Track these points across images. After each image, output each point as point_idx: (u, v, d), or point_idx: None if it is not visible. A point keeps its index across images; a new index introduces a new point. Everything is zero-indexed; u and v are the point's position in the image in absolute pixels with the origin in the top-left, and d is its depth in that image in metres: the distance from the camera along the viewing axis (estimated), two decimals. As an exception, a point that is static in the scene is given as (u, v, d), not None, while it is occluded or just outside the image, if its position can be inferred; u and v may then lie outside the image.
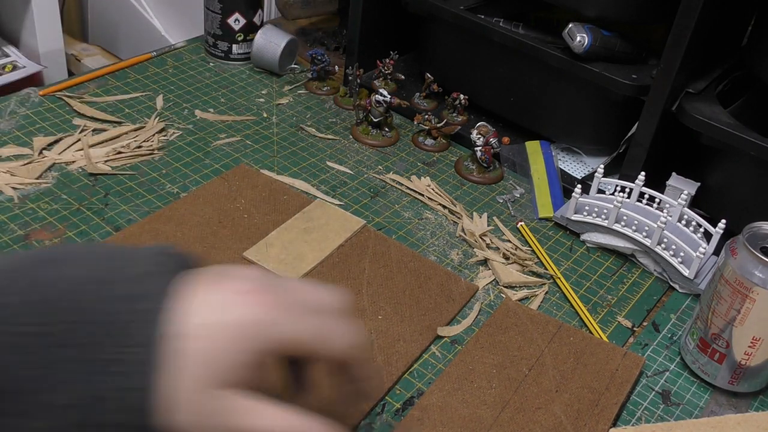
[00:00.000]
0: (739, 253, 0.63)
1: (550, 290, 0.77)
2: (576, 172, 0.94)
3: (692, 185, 0.85)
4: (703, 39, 0.79)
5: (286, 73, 1.07)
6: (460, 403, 0.62)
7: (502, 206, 0.88)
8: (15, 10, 1.52)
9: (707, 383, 0.69)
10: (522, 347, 0.68)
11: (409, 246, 0.80)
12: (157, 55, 1.07)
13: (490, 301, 0.75)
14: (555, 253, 0.82)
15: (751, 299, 0.62)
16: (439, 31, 1.00)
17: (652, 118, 0.82)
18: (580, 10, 0.85)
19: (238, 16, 1.06)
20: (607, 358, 0.68)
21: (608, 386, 0.65)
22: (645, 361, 0.69)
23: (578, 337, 0.70)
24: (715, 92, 0.84)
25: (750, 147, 0.76)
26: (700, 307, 0.68)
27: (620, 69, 0.85)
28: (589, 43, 0.83)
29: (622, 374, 0.67)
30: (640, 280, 0.80)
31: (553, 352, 0.68)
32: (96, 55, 1.72)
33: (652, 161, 0.85)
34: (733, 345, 0.65)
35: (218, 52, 1.08)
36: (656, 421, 0.65)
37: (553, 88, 0.92)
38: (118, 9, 1.73)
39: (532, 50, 0.89)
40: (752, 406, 0.68)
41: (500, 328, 0.70)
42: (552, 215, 0.86)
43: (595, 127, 0.93)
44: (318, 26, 1.22)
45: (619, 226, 0.80)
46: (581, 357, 0.68)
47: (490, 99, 0.99)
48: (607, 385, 0.65)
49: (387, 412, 0.63)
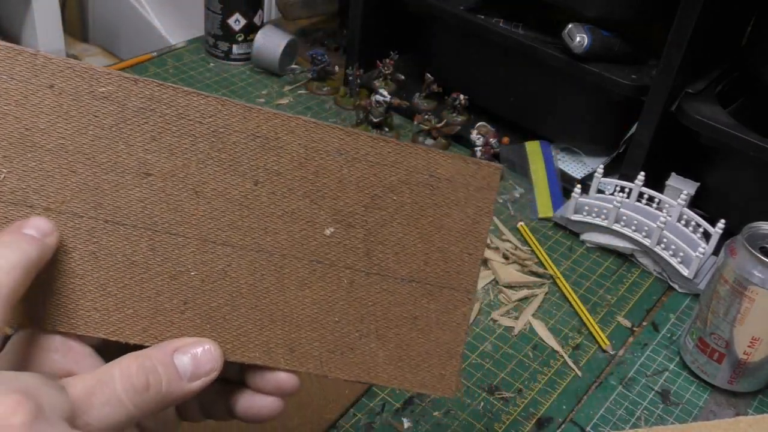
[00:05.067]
0: (738, 253, 0.63)
1: (550, 290, 0.78)
2: (576, 172, 0.94)
3: (692, 185, 0.85)
4: (703, 39, 0.79)
5: (286, 74, 1.07)
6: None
7: (502, 206, 0.88)
8: (16, 10, 1.52)
9: (707, 383, 0.69)
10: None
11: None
12: (157, 55, 1.08)
13: (489, 301, 0.75)
14: (555, 253, 0.82)
15: (750, 299, 0.62)
16: (439, 31, 1.00)
17: (652, 118, 0.82)
18: (580, 11, 0.85)
19: (239, 17, 1.06)
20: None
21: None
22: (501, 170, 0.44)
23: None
24: (714, 92, 0.84)
25: (749, 147, 0.76)
26: (699, 307, 0.68)
27: (620, 69, 0.85)
28: (589, 43, 0.83)
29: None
30: (639, 280, 0.80)
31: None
32: (96, 56, 1.72)
33: (651, 161, 0.85)
34: (732, 345, 0.65)
35: (218, 53, 1.08)
36: (656, 420, 0.65)
37: (553, 89, 0.92)
38: (119, 9, 1.73)
39: (531, 50, 0.89)
40: (752, 405, 0.68)
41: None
42: (552, 215, 0.86)
43: (595, 127, 0.93)
44: (318, 26, 1.22)
45: (619, 226, 0.80)
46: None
47: (490, 99, 0.99)
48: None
49: (387, 411, 0.63)
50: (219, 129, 0.38)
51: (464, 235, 0.42)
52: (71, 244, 0.37)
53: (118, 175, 0.38)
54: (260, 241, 0.39)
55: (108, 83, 0.37)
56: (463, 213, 0.42)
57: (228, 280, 0.39)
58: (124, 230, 0.38)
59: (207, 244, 0.39)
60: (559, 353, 0.70)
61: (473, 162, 0.41)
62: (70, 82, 0.37)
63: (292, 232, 0.40)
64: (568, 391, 0.67)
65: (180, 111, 0.38)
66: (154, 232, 0.38)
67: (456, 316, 0.42)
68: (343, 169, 0.40)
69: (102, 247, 0.38)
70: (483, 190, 0.42)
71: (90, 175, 0.37)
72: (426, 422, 0.62)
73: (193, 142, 0.38)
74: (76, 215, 0.37)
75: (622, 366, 0.70)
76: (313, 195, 0.40)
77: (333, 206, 0.40)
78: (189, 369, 0.36)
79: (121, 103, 0.37)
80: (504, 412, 0.64)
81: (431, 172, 0.41)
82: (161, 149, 0.38)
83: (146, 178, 0.38)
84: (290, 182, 0.39)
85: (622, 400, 0.67)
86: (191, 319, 0.39)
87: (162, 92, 0.37)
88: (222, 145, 0.38)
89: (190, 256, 0.38)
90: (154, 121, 0.38)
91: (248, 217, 0.39)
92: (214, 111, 0.38)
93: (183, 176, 0.38)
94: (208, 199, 0.39)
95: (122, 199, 0.38)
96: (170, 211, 0.38)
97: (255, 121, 0.39)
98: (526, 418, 0.64)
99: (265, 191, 0.39)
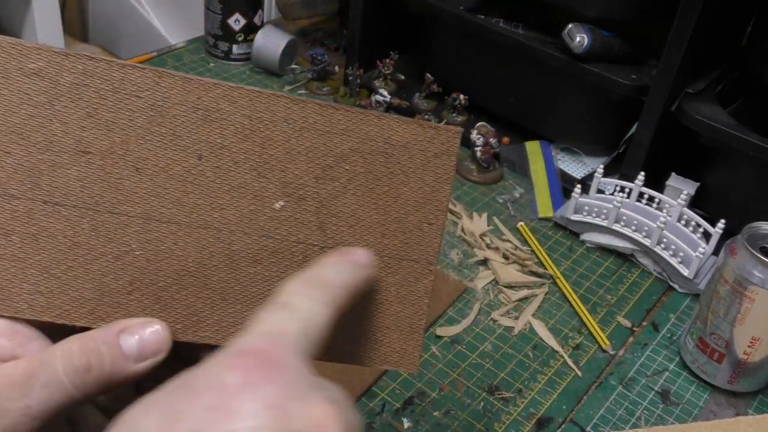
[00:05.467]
0: (738, 253, 0.63)
1: (550, 290, 0.78)
2: (576, 172, 0.94)
3: (692, 185, 0.85)
4: (703, 39, 0.79)
5: (286, 74, 1.07)
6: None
7: (501, 206, 0.88)
8: (16, 10, 1.52)
9: (707, 383, 0.69)
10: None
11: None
12: (157, 55, 1.08)
13: (489, 301, 0.75)
14: (555, 253, 0.82)
15: (750, 299, 0.62)
16: (439, 31, 1.00)
17: (652, 118, 0.82)
18: (580, 11, 0.85)
19: (239, 17, 1.06)
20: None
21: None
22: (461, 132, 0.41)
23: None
24: (714, 92, 0.84)
25: (749, 147, 0.76)
26: (699, 307, 0.68)
27: (620, 69, 0.85)
28: (589, 43, 0.83)
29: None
30: (639, 280, 0.80)
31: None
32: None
33: (651, 161, 0.85)
34: (732, 345, 0.65)
35: (218, 53, 1.08)
36: (656, 420, 0.65)
37: (553, 89, 0.92)
38: (119, 9, 1.73)
39: (531, 50, 0.89)
40: (752, 405, 0.68)
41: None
42: (552, 215, 0.86)
43: (595, 127, 0.93)
44: (318, 26, 1.22)
45: (619, 226, 0.80)
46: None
47: (490, 99, 0.99)
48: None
49: (387, 411, 0.63)
50: (157, 102, 0.37)
51: (423, 203, 0.40)
52: (10, 226, 0.36)
53: (55, 154, 0.36)
54: (207, 218, 0.38)
55: (38, 59, 0.35)
56: (421, 181, 0.39)
57: (175, 259, 0.38)
58: (64, 211, 0.37)
59: (151, 223, 0.37)
60: (559, 353, 0.70)
61: (430, 126, 0.39)
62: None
63: (239, 207, 0.38)
64: (568, 391, 0.67)
65: (116, 85, 0.36)
66: (95, 211, 0.37)
67: (417, 289, 0.41)
68: (291, 139, 0.38)
69: (42, 229, 0.36)
70: (442, 155, 0.39)
71: (25, 155, 0.36)
72: (426, 422, 0.62)
73: (131, 117, 0.36)
74: (13, 197, 0.36)
75: (622, 366, 0.70)
76: (260, 168, 0.38)
77: (282, 179, 0.38)
78: (135, 350, 0.35)
79: (54, 79, 0.36)
80: (504, 412, 0.64)
81: (386, 139, 0.39)
82: (98, 126, 0.36)
83: (84, 156, 0.36)
84: (235, 155, 0.38)
85: (622, 400, 0.67)
86: (139, 299, 0.38)
87: (96, 66, 0.36)
88: (162, 119, 0.37)
89: (134, 235, 0.37)
90: (89, 96, 0.36)
91: (193, 194, 0.38)
92: (151, 84, 0.36)
93: (122, 153, 0.37)
94: (149, 176, 0.37)
95: (60, 178, 0.36)
96: (111, 190, 0.37)
97: (195, 93, 0.37)
98: (526, 418, 0.64)
99: (210, 166, 0.38)
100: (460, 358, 0.69)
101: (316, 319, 0.33)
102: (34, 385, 0.33)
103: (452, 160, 0.40)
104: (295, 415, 0.28)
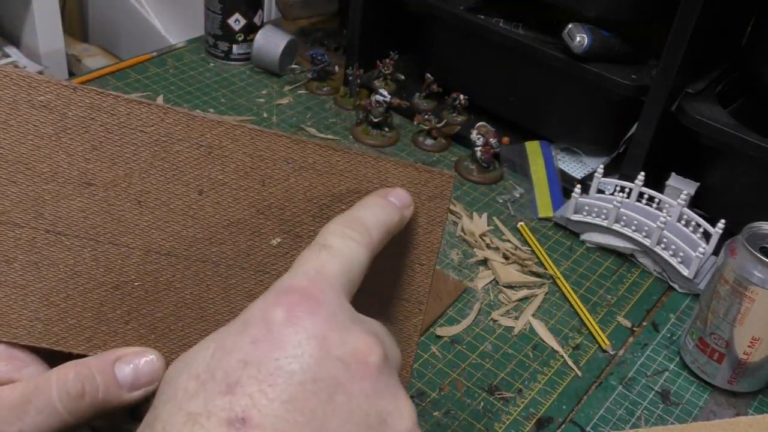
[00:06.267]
0: (738, 253, 0.63)
1: (550, 290, 0.78)
2: (576, 172, 0.94)
3: (692, 185, 0.85)
4: (703, 39, 0.79)
5: (286, 74, 1.07)
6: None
7: (502, 206, 0.88)
8: (16, 10, 1.52)
9: (707, 383, 0.69)
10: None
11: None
12: (157, 55, 1.08)
13: (489, 301, 0.75)
14: (555, 253, 0.82)
15: (750, 299, 0.62)
16: (439, 31, 1.00)
17: (652, 118, 0.82)
18: (580, 11, 0.85)
19: (239, 17, 1.06)
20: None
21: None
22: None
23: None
24: (714, 92, 0.84)
25: (749, 147, 0.76)
26: (699, 307, 0.68)
27: (620, 69, 0.85)
28: (589, 43, 0.83)
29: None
30: (639, 280, 0.80)
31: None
32: (96, 56, 1.72)
33: (651, 161, 0.85)
34: (732, 345, 0.65)
35: (218, 53, 1.08)
36: (656, 420, 0.65)
37: (553, 89, 0.92)
38: (119, 9, 1.73)
39: (531, 50, 0.89)
40: (751, 405, 0.68)
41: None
42: (552, 215, 0.86)
43: (595, 127, 0.93)
44: (318, 26, 1.22)
45: (619, 226, 0.80)
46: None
47: (490, 99, 0.99)
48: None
49: (387, 411, 0.63)
50: (162, 138, 0.37)
51: (416, 245, 0.41)
52: (12, 254, 0.37)
53: (59, 185, 0.37)
54: (205, 252, 0.38)
55: (47, 92, 0.36)
56: (414, 223, 0.40)
57: (173, 291, 0.38)
58: (66, 240, 0.37)
59: (151, 255, 0.38)
60: (559, 353, 0.70)
61: (425, 170, 0.40)
62: (8, 90, 0.36)
63: (237, 242, 0.39)
64: (568, 391, 0.67)
65: (122, 120, 0.37)
66: (96, 242, 0.38)
67: (407, 327, 0.42)
68: (290, 178, 0.39)
69: (44, 258, 0.37)
70: (436, 199, 0.41)
71: (30, 185, 0.37)
72: (426, 422, 0.62)
73: (135, 151, 0.37)
74: (17, 225, 0.37)
75: (622, 366, 0.70)
76: (259, 205, 0.39)
77: (280, 216, 0.39)
78: (129, 378, 0.36)
79: (61, 111, 0.36)
80: (504, 412, 0.64)
81: (382, 182, 0.40)
82: (103, 158, 0.37)
83: (88, 188, 0.37)
84: (236, 192, 0.38)
85: (622, 400, 0.67)
86: (135, 329, 0.38)
87: (102, 100, 0.37)
88: (165, 154, 0.37)
89: (133, 266, 0.38)
90: (95, 130, 0.37)
91: (193, 227, 0.38)
92: (156, 120, 0.37)
93: (125, 186, 0.37)
94: (151, 209, 0.38)
95: (63, 209, 0.37)
96: (113, 221, 0.38)
97: (198, 130, 0.38)
98: (526, 418, 0.64)
99: (210, 201, 0.38)
100: (460, 358, 0.69)
101: (354, 258, 0.34)
102: (29, 410, 0.34)
103: (445, 204, 0.41)
104: (337, 344, 0.30)
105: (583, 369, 0.69)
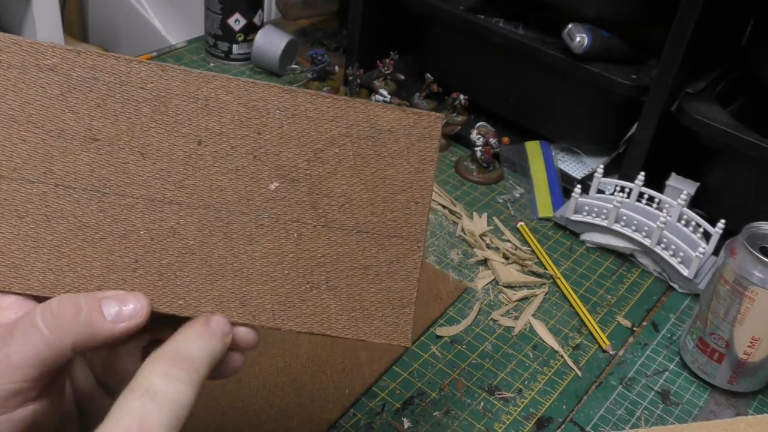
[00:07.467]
0: (738, 252, 0.63)
1: (550, 290, 0.78)
2: (576, 172, 0.94)
3: (692, 185, 0.85)
4: (703, 39, 0.79)
5: (286, 74, 1.07)
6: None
7: (501, 206, 0.88)
8: (15, 10, 1.52)
9: (706, 383, 0.69)
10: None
11: (409, 246, 0.80)
12: (157, 55, 1.08)
13: (489, 301, 0.75)
14: (555, 253, 0.82)
15: (750, 299, 0.62)
16: (439, 31, 1.00)
17: (652, 118, 0.82)
18: (580, 11, 0.85)
19: (239, 17, 1.06)
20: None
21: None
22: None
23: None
24: (714, 92, 0.84)
25: (749, 147, 0.76)
26: (699, 307, 0.68)
27: (620, 69, 0.85)
28: (589, 43, 0.83)
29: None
30: (639, 280, 0.80)
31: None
32: (96, 56, 1.72)
33: (651, 161, 0.85)
34: (732, 345, 0.65)
35: (218, 53, 1.08)
36: (656, 420, 0.65)
37: (553, 89, 0.92)
38: (118, 9, 1.73)
39: (531, 50, 0.89)
40: (751, 405, 0.68)
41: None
42: (552, 215, 0.86)
43: (595, 127, 0.93)
44: (318, 26, 1.22)
45: (619, 226, 0.80)
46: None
47: (490, 99, 0.99)
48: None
49: (387, 411, 0.63)
50: (161, 93, 0.40)
51: (409, 184, 0.42)
52: (25, 209, 0.39)
53: (66, 142, 0.39)
54: (207, 199, 0.40)
55: (53, 56, 0.39)
56: (406, 162, 0.42)
57: (177, 238, 0.40)
58: (74, 193, 0.39)
59: (155, 204, 0.40)
60: (559, 353, 0.71)
61: (413, 112, 0.42)
62: (17, 56, 0.38)
63: (237, 188, 0.41)
64: (568, 391, 0.67)
65: (122, 78, 0.39)
66: (103, 194, 0.40)
67: (406, 265, 0.43)
68: (284, 125, 0.41)
69: (54, 211, 0.39)
70: (425, 139, 0.42)
71: (39, 143, 0.39)
72: (426, 422, 0.62)
73: (136, 107, 0.40)
74: (28, 181, 0.39)
75: (622, 366, 0.70)
76: (256, 152, 0.41)
77: (276, 162, 0.41)
78: (114, 310, 0.37)
79: (66, 73, 0.39)
80: (504, 412, 0.64)
81: (372, 124, 0.42)
82: (106, 115, 0.39)
83: (93, 143, 0.39)
84: (233, 141, 0.40)
85: (622, 400, 0.67)
86: (143, 276, 0.40)
87: (104, 61, 0.39)
88: (165, 109, 0.40)
89: (139, 215, 0.40)
90: (98, 89, 0.39)
91: (194, 176, 0.40)
92: (155, 77, 0.40)
93: (128, 139, 0.40)
94: (153, 160, 0.40)
95: (71, 164, 0.39)
96: (118, 174, 0.40)
97: (195, 84, 0.40)
98: (526, 418, 0.64)
99: (209, 150, 0.40)
100: (460, 358, 0.69)
101: (182, 401, 0.34)
102: (14, 334, 0.35)
103: (435, 143, 0.42)
104: None
105: (583, 369, 0.69)
